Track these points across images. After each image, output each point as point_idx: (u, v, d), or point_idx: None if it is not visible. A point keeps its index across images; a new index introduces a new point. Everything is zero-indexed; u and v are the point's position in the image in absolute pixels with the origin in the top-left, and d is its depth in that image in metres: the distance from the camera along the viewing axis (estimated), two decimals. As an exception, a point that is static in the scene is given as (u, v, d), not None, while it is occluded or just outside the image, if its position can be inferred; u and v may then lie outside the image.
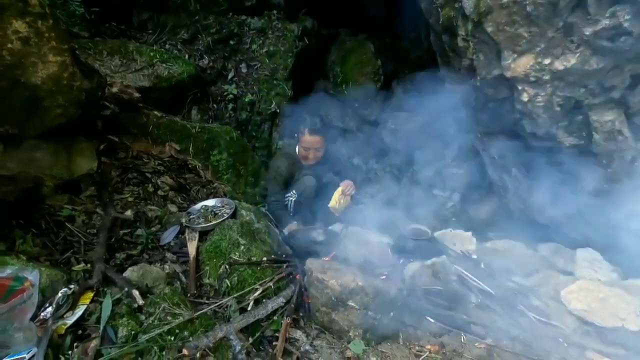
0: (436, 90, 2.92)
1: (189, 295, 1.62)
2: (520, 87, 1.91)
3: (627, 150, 1.84)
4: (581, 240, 2.31)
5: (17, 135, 1.81)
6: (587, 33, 1.56)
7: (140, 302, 1.42)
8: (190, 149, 2.80)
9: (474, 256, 2.26)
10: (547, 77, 1.79)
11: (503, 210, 2.84)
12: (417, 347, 1.56)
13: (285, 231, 2.33)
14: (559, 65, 1.72)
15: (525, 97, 1.91)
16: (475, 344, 1.60)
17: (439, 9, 2.29)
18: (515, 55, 1.85)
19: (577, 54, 1.66)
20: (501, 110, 2.23)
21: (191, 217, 2.07)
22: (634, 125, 1.80)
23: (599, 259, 2.17)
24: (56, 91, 1.77)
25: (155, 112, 2.79)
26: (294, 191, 2.62)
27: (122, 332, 1.31)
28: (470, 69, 2.23)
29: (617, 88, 1.72)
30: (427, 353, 1.52)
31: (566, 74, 1.73)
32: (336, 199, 2.52)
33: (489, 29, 1.84)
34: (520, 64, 1.84)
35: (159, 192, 2.33)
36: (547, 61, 1.75)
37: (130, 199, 2.17)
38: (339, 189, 2.55)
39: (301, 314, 1.66)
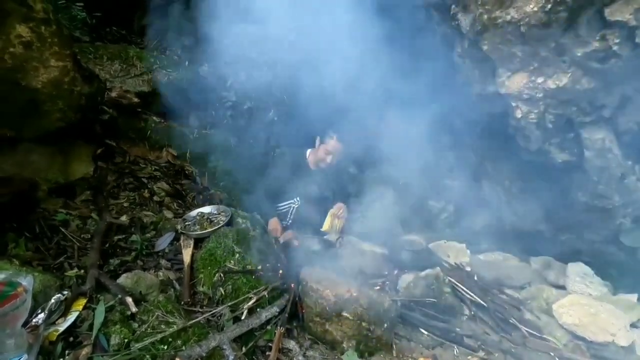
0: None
1: (182, 303, 1.61)
2: (514, 104, 1.96)
3: (617, 167, 1.89)
4: (573, 254, 2.35)
5: (14, 137, 1.81)
6: (578, 54, 1.62)
7: (134, 309, 1.41)
8: (188, 155, 2.81)
9: (468, 268, 2.28)
10: (540, 95, 1.84)
11: (497, 222, 2.87)
12: (410, 359, 1.56)
13: (281, 240, 2.33)
14: (551, 83, 1.77)
15: (518, 114, 1.96)
16: (468, 357, 1.61)
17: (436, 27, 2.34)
18: (510, 73, 1.90)
19: (569, 74, 1.71)
20: (496, 125, 2.28)
21: (187, 223, 2.07)
22: (624, 143, 1.85)
23: (589, 273, 2.20)
24: (56, 95, 1.78)
25: (154, 118, 2.80)
26: (297, 198, 2.62)
27: (115, 340, 1.30)
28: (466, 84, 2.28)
29: (608, 107, 1.78)
30: (420, 365, 1.52)
31: (558, 93, 1.78)
32: (329, 223, 2.51)
33: (485, 47, 1.89)
34: (514, 82, 1.89)
35: (155, 198, 2.33)
36: (540, 80, 1.80)
37: (125, 204, 2.16)
38: (331, 212, 2.54)
39: (295, 324, 1.66)
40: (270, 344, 1.48)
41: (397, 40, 2.36)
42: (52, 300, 1.32)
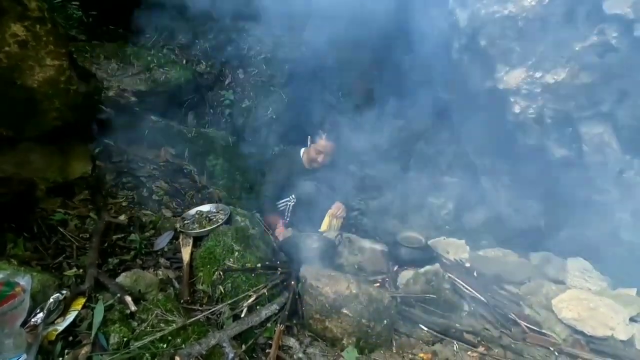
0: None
1: (182, 301, 1.61)
2: (512, 99, 1.96)
3: (616, 162, 1.89)
4: (572, 250, 2.35)
5: (12, 137, 1.80)
6: (577, 48, 1.62)
7: (133, 308, 1.40)
8: (186, 153, 2.80)
9: (467, 264, 2.28)
10: (538, 90, 1.84)
11: (496, 218, 2.87)
12: (410, 355, 1.56)
13: (280, 237, 2.33)
14: (549, 78, 1.77)
15: (517, 109, 1.96)
16: (468, 352, 1.61)
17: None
18: (508, 68, 1.90)
19: (567, 69, 1.71)
20: (494, 121, 2.28)
21: (185, 222, 2.06)
22: (622, 138, 1.85)
23: (589, 268, 2.20)
24: (53, 94, 1.77)
25: (152, 117, 2.78)
26: (293, 196, 2.61)
27: (114, 338, 1.30)
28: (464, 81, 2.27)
29: (606, 102, 1.77)
30: (420, 361, 1.52)
31: (556, 88, 1.78)
32: (327, 223, 2.49)
33: (482, 43, 1.88)
34: (513, 77, 1.88)
35: (154, 197, 2.32)
36: (538, 74, 1.80)
37: (124, 204, 2.15)
38: (330, 212, 2.53)
39: (295, 321, 1.66)
40: (270, 342, 1.48)
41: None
42: (51, 300, 1.32)
